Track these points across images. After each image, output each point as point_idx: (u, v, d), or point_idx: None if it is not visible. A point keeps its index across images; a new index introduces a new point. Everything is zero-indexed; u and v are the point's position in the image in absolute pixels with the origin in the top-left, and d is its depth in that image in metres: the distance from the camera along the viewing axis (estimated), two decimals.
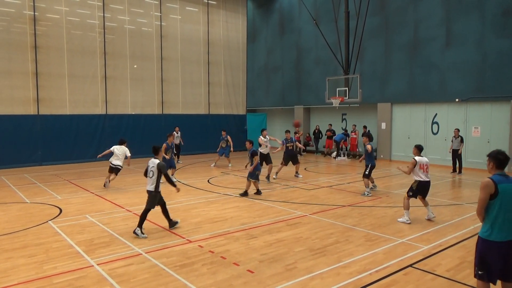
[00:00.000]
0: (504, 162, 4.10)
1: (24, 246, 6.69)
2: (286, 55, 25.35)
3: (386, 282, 5.30)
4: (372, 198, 10.64)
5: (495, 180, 4.01)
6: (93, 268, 5.73)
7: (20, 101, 16.88)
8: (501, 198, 3.97)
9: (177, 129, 17.99)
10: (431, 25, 17.59)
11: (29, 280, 5.30)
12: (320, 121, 23.51)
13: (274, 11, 26.26)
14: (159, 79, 20.96)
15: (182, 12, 21.85)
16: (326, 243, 6.90)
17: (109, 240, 7.02)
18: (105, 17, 18.91)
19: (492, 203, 4.02)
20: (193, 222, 8.25)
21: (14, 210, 9.33)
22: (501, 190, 3.97)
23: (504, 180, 4.03)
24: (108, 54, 19.04)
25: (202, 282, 5.26)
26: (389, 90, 19.45)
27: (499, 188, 3.97)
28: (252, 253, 6.34)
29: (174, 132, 17.26)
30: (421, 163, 8.30)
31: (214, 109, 23.57)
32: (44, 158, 17.48)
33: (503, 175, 4.09)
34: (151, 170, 7.44)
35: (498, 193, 3.96)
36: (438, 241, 7.01)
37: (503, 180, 4.03)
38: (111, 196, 10.86)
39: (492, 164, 4.16)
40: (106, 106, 19.20)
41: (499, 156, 4.10)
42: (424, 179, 8.28)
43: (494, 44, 15.58)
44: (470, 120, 16.64)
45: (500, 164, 4.10)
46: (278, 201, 10.24)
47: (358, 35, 18.07)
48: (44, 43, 17.28)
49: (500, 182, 4.00)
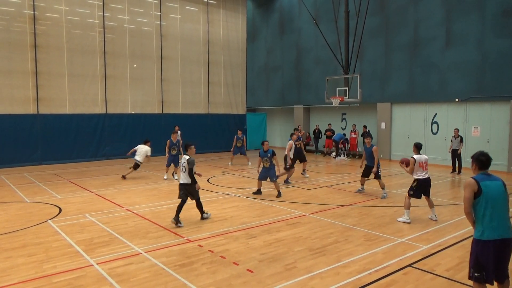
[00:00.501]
0: (486, 163, 4.26)
1: (23, 246, 6.69)
2: (286, 55, 25.35)
3: (386, 281, 5.31)
4: (372, 198, 10.64)
5: (477, 179, 4.17)
6: (92, 267, 5.73)
7: (20, 101, 16.87)
8: (485, 196, 4.10)
9: (177, 129, 17.99)
10: (431, 25, 17.59)
11: (29, 280, 5.30)
12: (320, 121, 23.51)
13: (274, 11, 26.26)
14: (159, 78, 20.96)
15: (182, 11, 21.84)
16: (325, 242, 6.90)
17: (108, 239, 7.02)
18: (105, 17, 18.90)
19: (478, 202, 4.13)
20: (193, 221, 8.26)
21: (13, 209, 9.33)
22: (484, 188, 4.12)
23: (486, 178, 4.19)
24: (108, 53, 19.04)
25: (201, 281, 5.26)
26: (389, 90, 19.46)
27: (481, 186, 4.12)
28: (252, 253, 6.34)
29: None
30: (420, 161, 8.30)
31: (214, 108, 23.56)
32: (44, 158, 17.48)
33: (485, 174, 4.24)
34: (183, 166, 8.06)
35: (482, 191, 4.10)
36: (438, 241, 7.01)
37: (485, 178, 4.19)
38: (110, 196, 10.87)
39: (475, 166, 4.34)
40: (106, 105, 19.19)
41: (481, 157, 4.28)
42: (423, 176, 8.28)
43: (494, 44, 15.58)
44: (470, 120, 16.64)
45: (482, 165, 4.27)
46: (278, 201, 10.24)
47: (358, 34, 18.06)
48: (44, 43, 17.28)
49: (482, 180, 4.17)
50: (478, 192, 4.11)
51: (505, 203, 4.17)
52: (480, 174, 4.26)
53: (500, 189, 4.18)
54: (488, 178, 4.20)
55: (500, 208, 4.12)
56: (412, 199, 8.39)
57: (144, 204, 9.85)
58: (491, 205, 4.08)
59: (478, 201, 4.13)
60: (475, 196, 4.13)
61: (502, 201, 4.15)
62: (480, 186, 4.11)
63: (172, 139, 13.55)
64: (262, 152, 10.95)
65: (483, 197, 4.09)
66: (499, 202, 4.12)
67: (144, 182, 13.17)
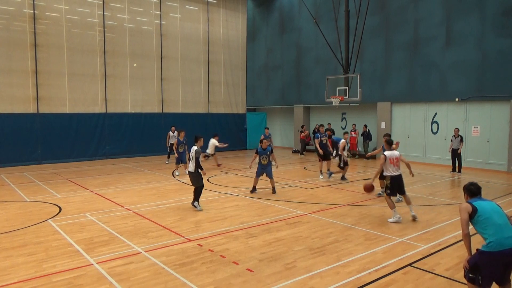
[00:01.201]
0: (476, 192, 4.49)
1: (23, 245, 6.69)
2: (286, 54, 25.33)
3: (385, 281, 5.31)
4: (372, 197, 10.65)
5: (470, 201, 4.38)
6: (92, 266, 5.73)
7: (20, 100, 16.86)
8: (482, 212, 4.22)
9: (173, 129, 17.98)
10: (431, 24, 17.58)
11: (29, 279, 5.30)
12: (319, 120, 23.44)
13: (274, 10, 26.24)
14: (159, 77, 20.95)
15: (182, 10, 21.83)
16: (325, 242, 6.90)
17: (108, 238, 7.03)
18: (105, 16, 18.89)
19: (477, 220, 4.23)
20: (193, 220, 8.26)
21: (13, 209, 9.33)
22: (478, 206, 4.27)
23: (479, 199, 4.42)
24: (108, 52, 19.03)
25: (201, 280, 5.26)
26: (389, 89, 19.45)
27: (475, 205, 4.28)
28: (252, 252, 6.35)
29: (169, 132, 17.26)
30: (391, 157, 8.29)
31: (214, 108, 23.55)
32: (44, 157, 17.48)
33: (477, 198, 4.48)
34: (191, 155, 9.12)
35: (477, 209, 4.24)
36: (437, 241, 7.01)
37: (477, 199, 4.41)
38: (110, 195, 10.87)
39: (467, 196, 4.58)
40: (106, 104, 19.19)
41: (471, 187, 4.52)
42: (395, 173, 8.25)
43: (494, 44, 15.58)
44: (470, 120, 16.64)
45: (472, 194, 4.50)
46: (278, 200, 10.24)
47: (358, 34, 18.05)
48: (44, 42, 17.27)
49: (475, 200, 4.37)
50: (473, 211, 4.23)
51: (503, 215, 4.24)
52: (471, 199, 4.45)
53: (494, 205, 4.32)
54: (480, 199, 4.40)
55: (501, 220, 4.17)
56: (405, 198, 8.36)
57: (144, 204, 9.85)
58: (491, 219, 4.15)
59: (476, 220, 4.22)
60: (472, 216, 4.24)
61: (500, 213, 4.23)
62: (474, 205, 4.26)
63: (180, 138, 14.20)
64: (261, 150, 10.97)
65: (480, 214, 4.20)
66: (498, 215, 4.20)
67: (144, 181, 13.17)
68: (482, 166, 16.19)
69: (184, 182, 13.01)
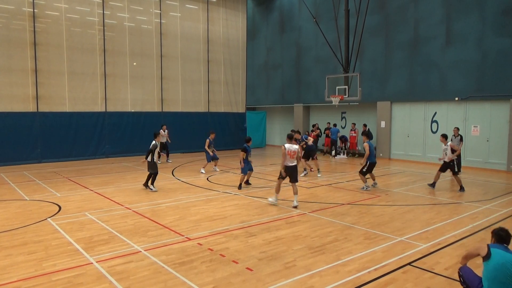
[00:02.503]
0: (506, 239, 4.13)
1: (23, 244, 6.69)
2: (286, 53, 25.33)
3: (385, 280, 5.31)
4: (371, 197, 10.65)
5: (490, 245, 4.09)
6: (92, 265, 5.74)
7: (20, 98, 16.85)
8: (493, 262, 3.96)
9: (164, 128, 17.98)
10: (431, 23, 17.57)
11: (28, 277, 5.30)
12: (319, 120, 23.50)
13: (274, 9, 26.22)
14: (159, 77, 20.94)
15: (182, 9, 21.81)
16: (325, 241, 6.91)
17: (108, 237, 7.03)
18: (105, 15, 18.87)
19: (486, 266, 4.02)
20: (192, 220, 8.26)
21: (13, 207, 9.33)
22: (493, 253, 3.99)
23: (500, 247, 4.06)
24: (107, 51, 19.01)
25: (201, 279, 5.27)
26: (389, 88, 19.45)
27: (491, 251, 3.99)
28: (251, 251, 6.35)
29: (161, 130, 17.27)
30: (290, 150, 9.41)
31: (214, 107, 23.55)
32: (44, 155, 17.47)
33: (503, 245, 4.12)
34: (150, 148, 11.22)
35: (491, 255, 3.98)
36: (437, 240, 7.02)
37: (500, 247, 4.07)
38: (110, 194, 10.87)
39: (493, 240, 4.26)
40: (105, 103, 19.18)
41: (501, 233, 4.18)
42: (290, 164, 9.43)
43: (494, 43, 15.58)
44: (470, 119, 16.65)
45: (501, 241, 4.15)
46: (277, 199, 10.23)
47: (358, 33, 18.04)
48: (44, 40, 17.25)
49: (495, 247, 4.05)
50: (487, 255, 3.97)
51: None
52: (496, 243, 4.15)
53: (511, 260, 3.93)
54: (502, 247, 4.04)
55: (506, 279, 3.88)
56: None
57: (144, 202, 9.86)
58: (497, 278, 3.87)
59: (486, 264, 4.01)
60: (484, 259, 4.01)
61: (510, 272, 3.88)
62: (490, 250, 3.97)
63: (210, 139, 14.78)
64: (249, 148, 11.85)
65: (491, 262, 3.94)
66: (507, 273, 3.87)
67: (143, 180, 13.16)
68: (482, 166, 16.20)
69: (184, 181, 13.01)
